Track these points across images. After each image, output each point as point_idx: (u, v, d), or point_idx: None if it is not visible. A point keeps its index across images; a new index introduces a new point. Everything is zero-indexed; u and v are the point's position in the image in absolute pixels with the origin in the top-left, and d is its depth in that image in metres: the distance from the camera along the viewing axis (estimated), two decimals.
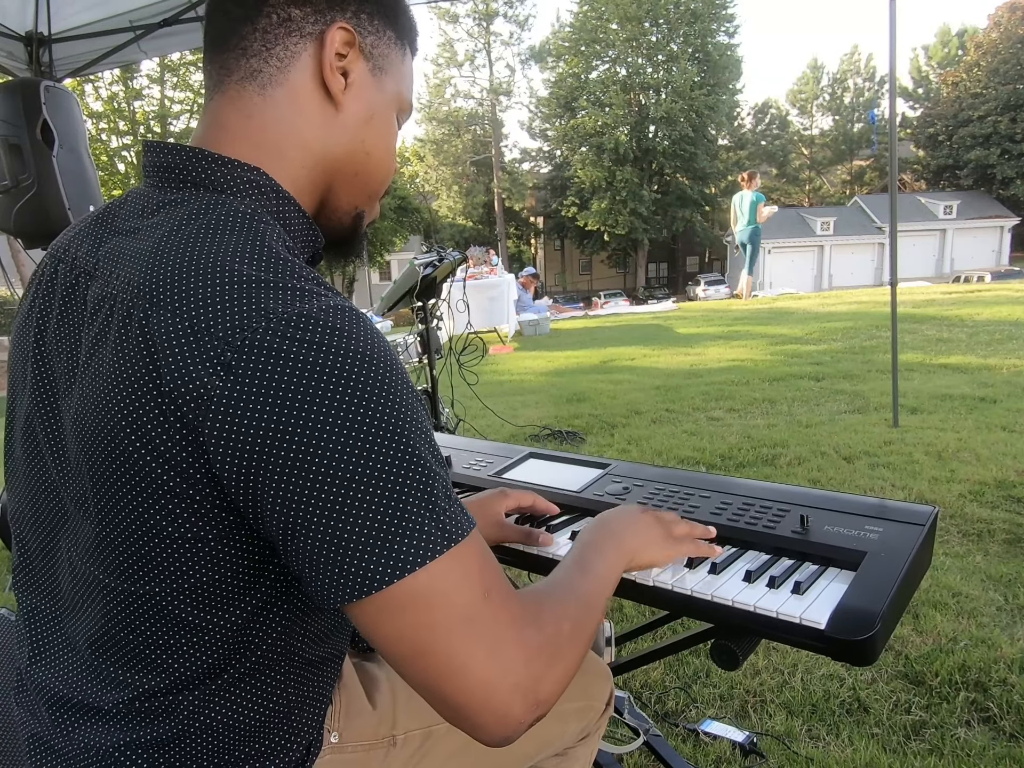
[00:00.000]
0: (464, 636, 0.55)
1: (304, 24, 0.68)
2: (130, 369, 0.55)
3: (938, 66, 42.75)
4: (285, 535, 0.54)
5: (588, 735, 1.02)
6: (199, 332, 0.54)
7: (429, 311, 3.54)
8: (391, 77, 0.74)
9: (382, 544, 0.53)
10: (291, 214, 0.70)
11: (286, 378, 0.52)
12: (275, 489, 0.53)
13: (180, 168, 0.66)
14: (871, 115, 37.67)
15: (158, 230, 0.62)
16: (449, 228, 43.46)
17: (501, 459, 1.28)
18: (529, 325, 10.16)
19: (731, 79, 38.50)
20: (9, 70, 3.42)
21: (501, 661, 0.55)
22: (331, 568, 0.53)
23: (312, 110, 0.69)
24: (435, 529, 0.55)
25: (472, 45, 41.28)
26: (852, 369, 5.62)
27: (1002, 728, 1.58)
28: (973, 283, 15.45)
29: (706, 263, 47.71)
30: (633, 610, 2.18)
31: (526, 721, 0.57)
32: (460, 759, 0.86)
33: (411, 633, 0.54)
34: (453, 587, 0.55)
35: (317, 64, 0.69)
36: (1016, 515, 2.66)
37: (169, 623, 0.61)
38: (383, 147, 0.76)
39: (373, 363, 0.55)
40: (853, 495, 0.97)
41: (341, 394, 0.53)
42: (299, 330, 0.54)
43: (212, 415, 0.53)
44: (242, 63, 0.68)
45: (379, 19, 0.72)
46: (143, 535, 0.58)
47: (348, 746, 0.77)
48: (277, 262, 0.59)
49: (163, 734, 0.64)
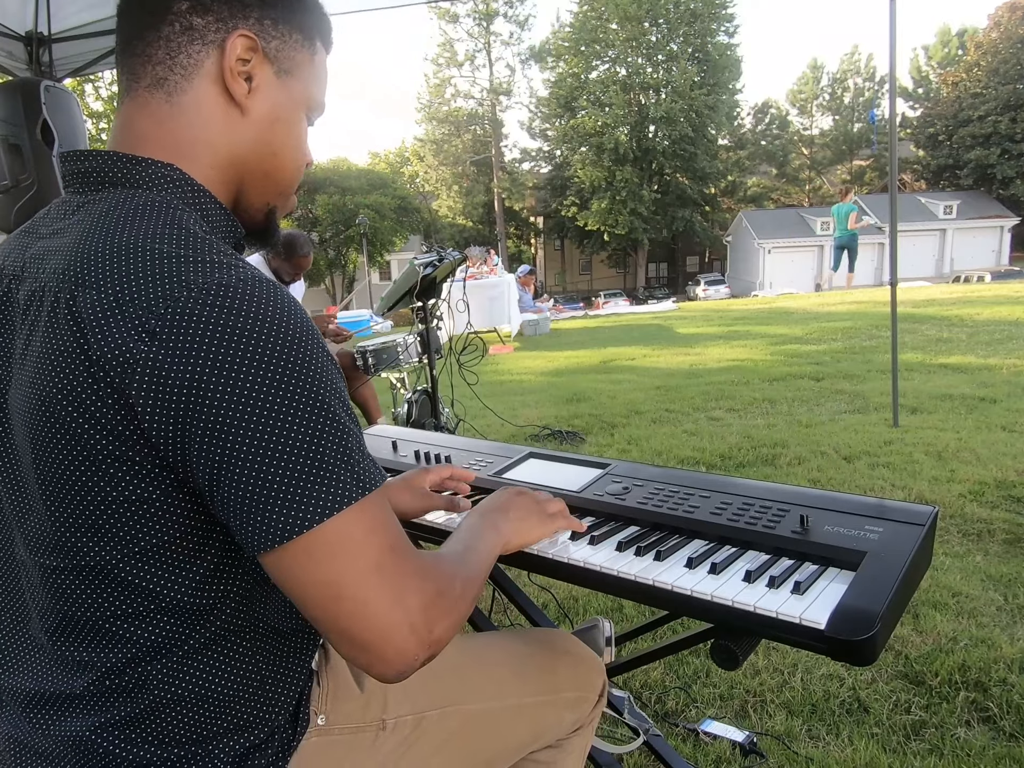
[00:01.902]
0: (374, 584, 0.61)
1: (206, 32, 0.70)
2: (61, 346, 0.59)
3: (938, 66, 42.72)
4: (211, 486, 0.59)
5: (581, 726, 1.03)
6: (123, 304, 0.58)
7: (429, 311, 3.54)
8: (298, 79, 0.77)
9: (302, 491, 0.58)
10: (208, 205, 0.73)
11: (207, 341, 0.57)
12: (200, 443, 0.58)
13: (96, 171, 0.70)
14: (871, 115, 37.63)
15: (79, 226, 0.66)
16: (449, 228, 43.45)
17: (501, 459, 1.27)
18: (529, 325, 10.16)
19: (731, 79, 38.48)
20: (9, 70, 3.42)
21: (404, 606, 0.62)
22: (255, 515, 0.58)
23: (218, 114, 0.72)
24: (351, 478, 0.61)
25: (472, 45, 41.31)
26: (852, 369, 5.62)
27: (1002, 728, 1.58)
28: (973, 283, 15.43)
29: (706, 263, 47.71)
30: (633, 610, 2.18)
31: (420, 658, 0.64)
32: (453, 746, 0.86)
33: (327, 579, 0.60)
34: (364, 536, 0.61)
35: (220, 70, 0.71)
36: (1016, 515, 2.66)
37: (124, 590, 0.64)
38: (291, 146, 0.79)
39: (288, 327, 0.60)
40: (853, 495, 0.97)
41: (259, 355, 0.58)
42: (219, 298, 0.58)
43: (139, 378, 0.57)
44: (148, 70, 0.71)
45: (284, 23, 0.74)
46: (88, 503, 0.61)
47: (335, 728, 0.78)
48: (194, 240, 0.63)
49: (136, 710, 0.66)
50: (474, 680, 0.91)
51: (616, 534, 0.98)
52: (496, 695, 0.91)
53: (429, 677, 0.88)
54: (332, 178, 33.39)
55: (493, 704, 0.91)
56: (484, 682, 0.92)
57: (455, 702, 0.87)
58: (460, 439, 1.45)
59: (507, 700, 0.92)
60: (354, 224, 30.97)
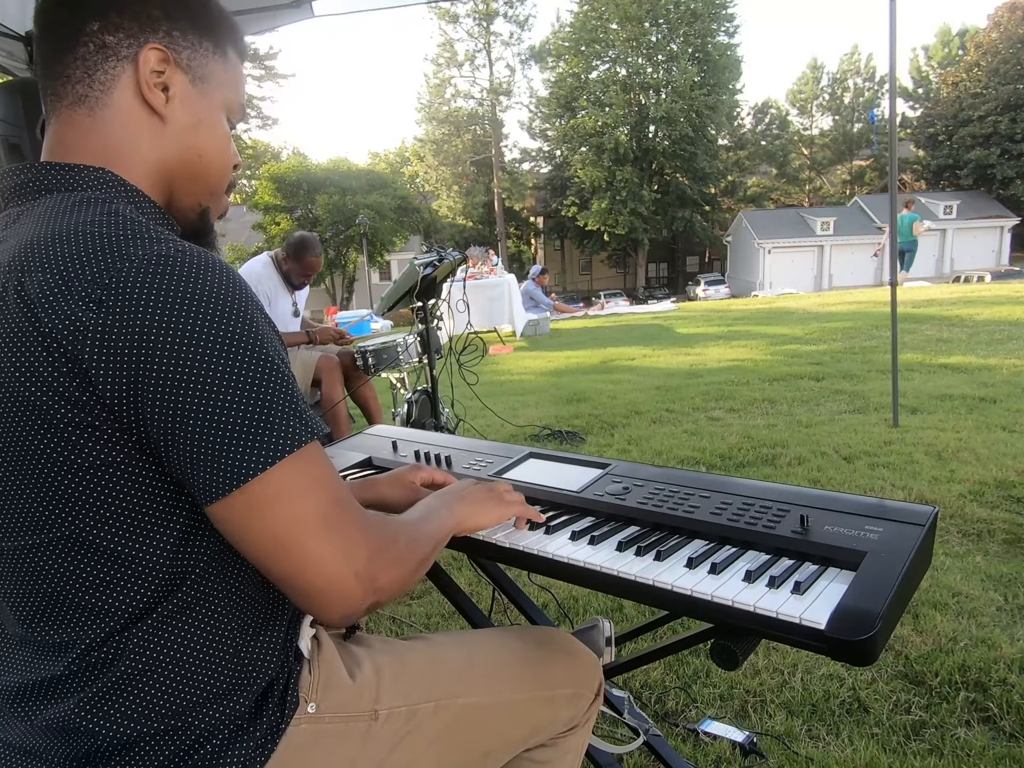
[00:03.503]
0: (322, 534, 0.65)
1: (119, 48, 0.74)
2: (14, 327, 0.63)
3: (938, 66, 42.71)
4: (166, 444, 0.63)
5: (577, 725, 1.03)
6: (69, 281, 0.62)
7: (429, 311, 3.54)
8: (213, 84, 0.81)
9: (253, 437, 0.63)
10: (142, 202, 0.76)
11: (151, 306, 0.61)
12: (152, 402, 0.61)
13: (32, 182, 0.73)
14: (871, 115, 37.70)
15: (21, 228, 0.69)
16: (449, 228, 43.44)
17: (501, 459, 1.27)
18: (529, 325, 10.16)
19: (731, 79, 38.49)
20: (9, 70, 3.42)
21: (350, 555, 0.67)
22: (206, 467, 0.62)
23: (140, 125, 0.76)
24: (299, 424, 0.65)
25: (472, 45, 41.33)
26: (852, 369, 5.62)
27: (1002, 728, 1.58)
28: (973, 283, 15.50)
29: (706, 263, 47.70)
30: (633, 610, 2.18)
31: (364, 604, 0.68)
32: (447, 739, 0.87)
33: (272, 528, 0.64)
34: (312, 482, 0.66)
35: (137, 83, 0.75)
36: (1016, 515, 2.66)
37: (100, 558, 0.66)
38: (215, 148, 0.82)
39: (224, 287, 0.64)
40: (853, 495, 0.97)
41: (200, 313, 0.62)
42: (160, 266, 0.63)
43: (90, 345, 0.61)
44: (68, 89, 0.75)
45: (193, 33, 0.78)
46: (56, 473, 0.64)
47: (326, 716, 0.78)
48: (131, 223, 0.67)
49: (110, 681, 0.67)
50: (469, 675, 0.92)
51: (616, 534, 0.98)
52: (491, 690, 0.92)
53: (424, 670, 0.88)
54: (332, 178, 33.32)
55: (488, 699, 0.91)
56: (479, 677, 0.92)
57: (449, 696, 0.88)
58: (460, 439, 1.45)
59: (502, 695, 0.92)
60: (354, 224, 30.92)
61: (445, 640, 0.97)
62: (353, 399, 3.87)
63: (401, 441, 1.44)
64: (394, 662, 0.87)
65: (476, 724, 0.90)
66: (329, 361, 3.67)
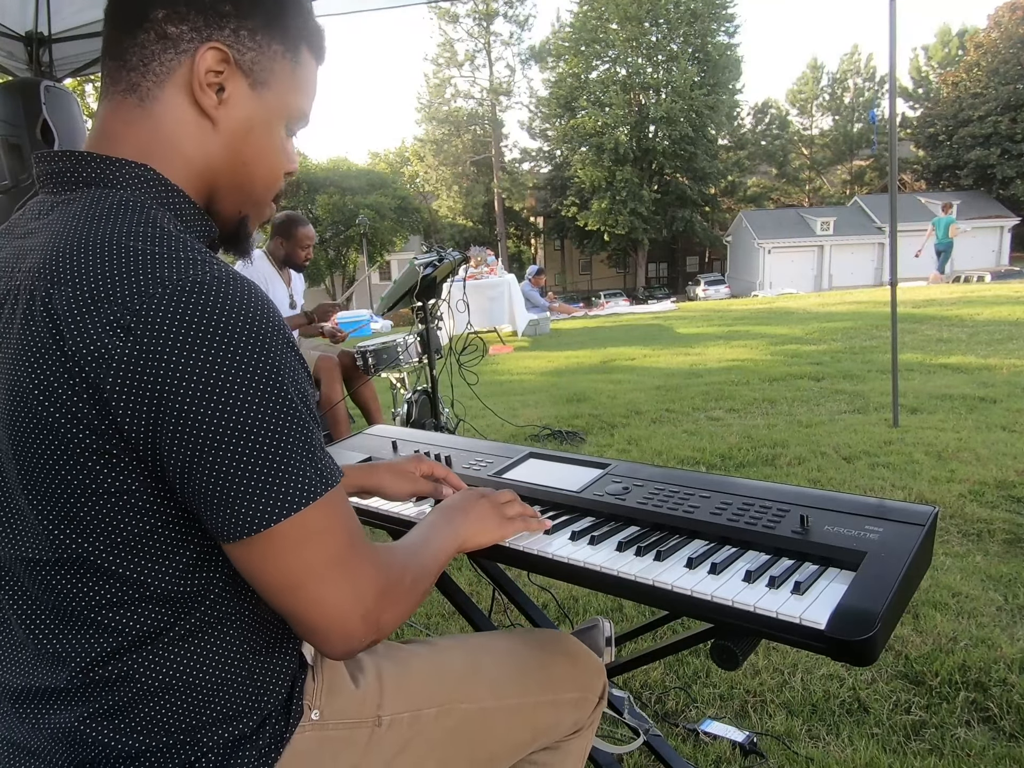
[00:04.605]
0: (334, 577, 0.65)
1: (180, 42, 0.71)
2: (37, 342, 0.60)
3: (938, 66, 42.70)
4: (182, 479, 0.61)
5: (581, 728, 1.02)
6: (99, 301, 0.59)
7: (429, 311, 3.54)
8: (275, 91, 0.76)
9: (269, 486, 0.61)
10: (181, 204, 0.73)
11: (180, 339, 0.59)
12: (171, 438, 0.60)
13: (70, 172, 0.70)
14: (871, 115, 37.64)
15: (53, 225, 0.67)
16: (449, 228, 43.45)
17: (501, 459, 1.27)
18: (529, 325, 10.16)
19: (731, 79, 38.48)
20: (9, 70, 3.42)
21: (359, 597, 0.67)
22: (224, 508, 0.61)
23: (188, 124, 0.73)
24: (314, 474, 0.64)
25: (472, 45, 41.32)
26: (852, 369, 5.62)
27: (1002, 728, 1.58)
28: (973, 283, 15.55)
29: (706, 263, 47.69)
30: (633, 610, 2.18)
31: (366, 642, 0.68)
32: (451, 745, 0.86)
33: (288, 570, 0.64)
34: (328, 529, 0.65)
35: (190, 80, 0.72)
36: (1016, 515, 2.66)
37: (108, 580, 0.65)
38: (264, 158, 0.79)
39: (258, 325, 0.62)
40: (853, 495, 0.97)
41: (227, 354, 0.60)
42: (192, 295, 0.60)
43: (114, 374, 0.59)
44: (123, 75, 0.72)
45: (263, 34, 0.74)
46: (69, 495, 0.62)
47: (330, 723, 0.78)
48: (167, 237, 0.64)
49: (123, 699, 0.66)
50: (473, 680, 0.91)
51: (616, 534, 0.98)
52: (495, 695, 0.91)
53: (428, 675, 0.88)
54: (332, 178, 33.37)
55: (492, 704, 0.91)
56: (483, 682, 0.92)
57: (453, 701, 0.87)
58: (460, 439, 1.45)
59: (506, 700, 0.92)
60: (354, 224, 30.96)
61: (449, 644, 0.97)
62: (353, 399, 3.87)
63: (401, 441, 1.44)
64: (397, 667, 0.87)
65: (480, 729, 0.89)
66: (328, 361, 3.67)
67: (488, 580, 1.51)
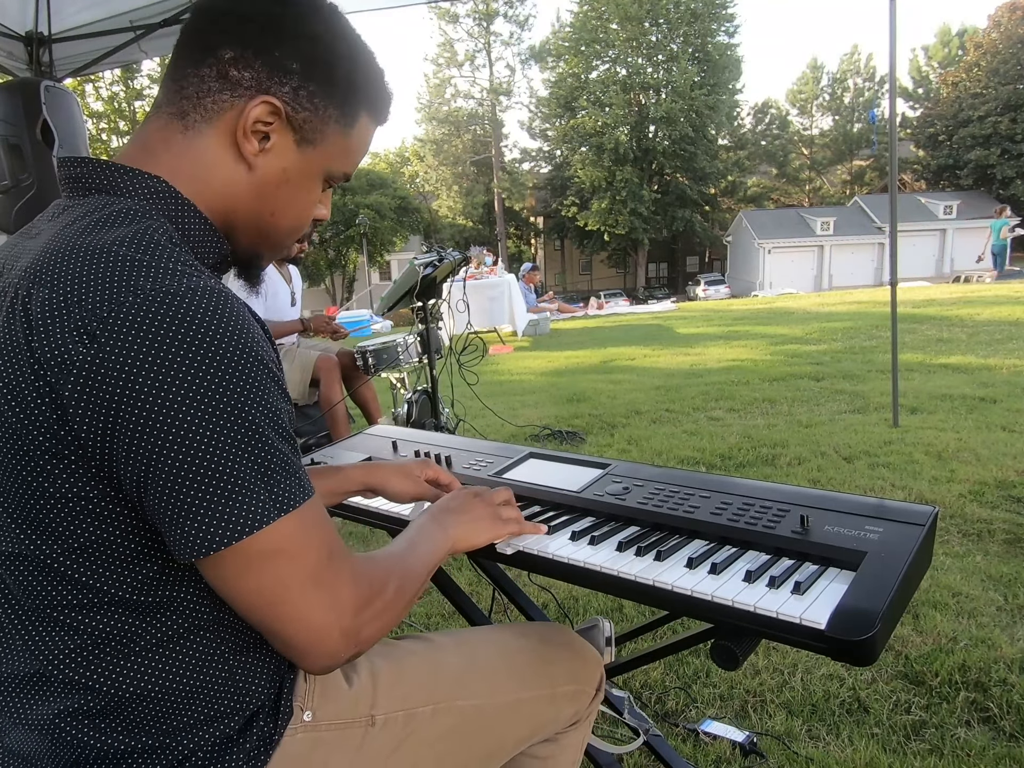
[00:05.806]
0: (311, 592, 0.64)
1: (238, 87, 0.71)
2: (12, 341, 0.61)
3: (938, 66, 42.68)
4: (138, 491, 0.60)
5: (579, 720, 1.02)
6: (71, 305, 0.59)
7: (429, 311, 3.54)
8: (320, 151, 0.76)
9: (217, 507, 0.60)
10: (189, 218, 0.73)
11: (144, 349, 0.58)
12: (126, 448, 0.59)
13: (87, 178, 0.71)
14: (871, 115, 37.68)
15: (53, 228, 0.68)
16: (449, 228, 43.44)
17: (501, 459, 1.27)
18: (529, 325, 10.16)
19: (731, 79, 38.47)
20: (9, 70, 3.42)
21: (337, 611, 0.66)
22: (181, 525, 0.60)
23: (225, 164, 0.74)
24: (267, 497, 0.62)
25: (472, 45, 41.31)
26: (852, 369, 5.62)
27: (1002, 728, 1.58)
28: (973, 283, 15.58)
29: (706, 263, 47.67)
30: (633, 610, 2.18)
31: (346, 657, 0.68)
32: (448, 743, 0.86)
33: (264, 587, 0.63)
34: (299, 546, 0.64)
35: (236, 124, 0.72)
36: (1016, 515, 2.66)
37: (65, 583, 0.64)
38: (292, 211, 0.79)
39: (226, 341, 0.60)
40: (853, 495, 0.97)
41: (190, 368, 0.58)
42: (163, 306, 0.59)
43: (73, 380, 0.58)
44: (177, 99, 0.73)
45: (321, 97, 0.74)
46: (28, 496, 0.62)
47: (323, 724, 0.77)
48: (154, 246, 0.64)
49: (102, 702, 0.67)
50: (469, 676, 0.91)
51: (616, 534, 0.98)
52: (492, 691, 0.91)
53: (423, 673, 0.88)
54: None
55: (489, 700, 0.90)
56: (479, 678, 0.91)
57: (449, 699, 0.87)
58: (460, 439, 1.45)
59: (503, 696, 0.92)
60: (354, 224, 30.93)
61: (445, 640, 0.97)
62: (353, 399, 3.87)
63: (401, 441, 1.44)
64: (392, 666, 0.87)
65: (477, 726, 0.89)
66: (328, 361, 3.67)
67: (488, 580, 1.51)
